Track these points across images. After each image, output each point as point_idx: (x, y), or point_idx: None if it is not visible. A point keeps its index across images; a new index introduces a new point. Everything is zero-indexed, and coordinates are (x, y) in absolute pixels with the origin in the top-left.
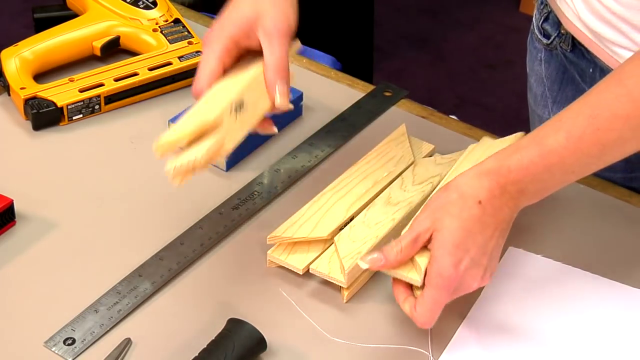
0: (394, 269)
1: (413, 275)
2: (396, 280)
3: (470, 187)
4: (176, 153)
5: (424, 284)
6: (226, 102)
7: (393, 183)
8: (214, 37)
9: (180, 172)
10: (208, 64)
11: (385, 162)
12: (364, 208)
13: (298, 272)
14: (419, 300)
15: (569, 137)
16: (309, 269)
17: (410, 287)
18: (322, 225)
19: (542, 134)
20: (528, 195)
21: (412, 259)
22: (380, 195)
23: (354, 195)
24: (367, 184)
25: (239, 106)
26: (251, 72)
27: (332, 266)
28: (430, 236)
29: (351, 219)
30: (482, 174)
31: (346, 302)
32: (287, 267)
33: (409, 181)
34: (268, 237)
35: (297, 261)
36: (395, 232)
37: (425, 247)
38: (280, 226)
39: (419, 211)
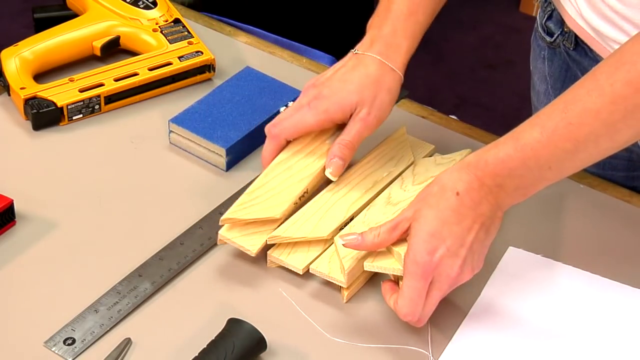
0: (374, 260)
1: (395, 265)
2: (385, 280)
3: (449, 179)
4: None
5: None
6: (293, 197)
7: (393, 183)
8: (320, 105)
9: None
10: (301, 123)
11: (385, 162)
12: (364, 208)
13: (298, 272)
14: (399, 292)
15: (542, 132)
16: (309, 269)
17: (397, 285)
18: (322, 225)
19: (519, 130)
20: (507, 191)
21: (391, 251)
22: (381, 195)
23: (354, 195)
24: (367, 184)
25: (302, 195)
26: (321, 163)
27: (332, 266)
28: (410, 226)
29: (351, 219)
30: (462, 168)
31: (346, 302)
32: (287, 267)
33: (409, 181)
34: (268, 237)
35: (297, 261)
36: None
37: (405, 239)
38: (280, 226)
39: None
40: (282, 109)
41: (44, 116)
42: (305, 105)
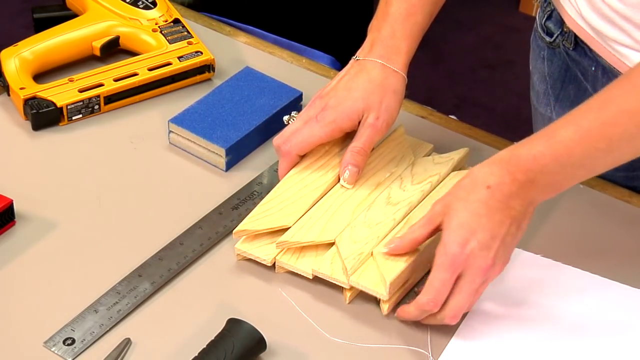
0: (360, 277)
1: (379, 289)
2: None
3: (481, 173)
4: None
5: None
6: (306, 207)
7: (392, 183)
8: (327, 116)
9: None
10: (310, 137)
11: (386, 163)
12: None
13: (308, 276)
14: (425, 285)
15: (576, 130)
16: None
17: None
18: (329, 228)
19: (553, 127)
20: (539, 187)
21: (380, 273)
22: (380, 195)
23: (358, 197)
24: (370, 186)
25: (314, 204)
26: (334, 173)
27: (334, 267)
28: (442, 221)
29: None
30: (494, 162)
31: (348, 303)
32: (296, 272)
33: (408, 181)
34: (276, 242)
35: (306, 266)
36: (396, 232)
37: (393, 260)
38: (287, 231)
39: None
40: (285, 118)
41: (43, 116)
42: (313, 118)
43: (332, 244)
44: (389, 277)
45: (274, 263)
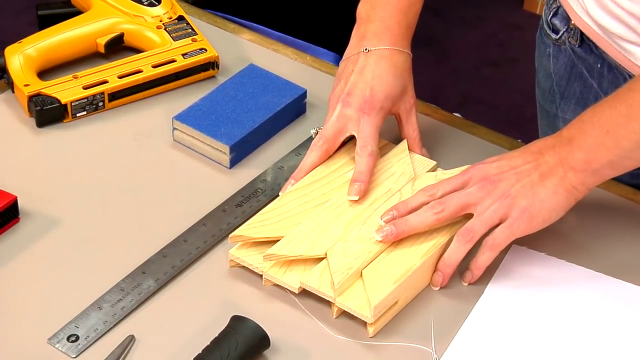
0: (346, 299)
1: (364, 311)
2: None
3: None
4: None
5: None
6: (303, 222)
7: (391, 198)
8: (376, 105)
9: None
10: (374, 127)
11: (385, 178)
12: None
13: (294, 291)
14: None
15: (613, 95)
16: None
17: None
18: (319, 243)
19: None
20: (573, 146)
21: (366, 296)
22: (377, 210)
23: (352, 213)
24: (366, 202)
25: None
26: (336, 190)
27: (322, 281)
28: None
29: None
30: None
31: (336, 318)
32: (283, 285)
33: (407, 196)
34: (264, 255)
35: (293, 280)
36: (390, 248)
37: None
38: (276, 244)
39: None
40: (312, 132)
41: (47, 113)
42: (363, 112)
43: (321, 258)
44: (375, 300)
45: (263, 277)
